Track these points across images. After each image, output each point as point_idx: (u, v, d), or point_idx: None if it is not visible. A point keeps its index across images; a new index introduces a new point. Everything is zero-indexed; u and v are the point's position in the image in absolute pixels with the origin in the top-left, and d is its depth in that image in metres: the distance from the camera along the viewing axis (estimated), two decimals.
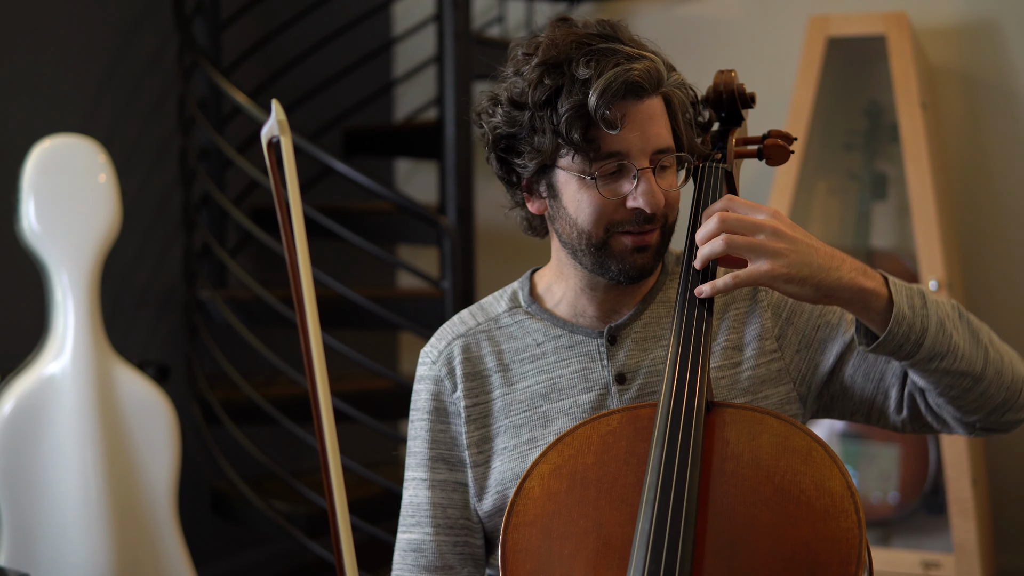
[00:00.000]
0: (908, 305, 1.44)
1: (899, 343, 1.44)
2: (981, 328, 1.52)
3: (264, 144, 1.35)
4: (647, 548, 1.31)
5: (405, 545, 1.62)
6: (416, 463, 1.63)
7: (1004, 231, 3.57)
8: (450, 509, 1.60)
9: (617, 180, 1.47)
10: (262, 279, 3.33)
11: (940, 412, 1.53)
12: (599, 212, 1.47)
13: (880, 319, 1.44)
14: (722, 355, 1.56)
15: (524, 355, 1.60)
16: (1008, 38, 3.52)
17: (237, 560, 3.80)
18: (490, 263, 3.95)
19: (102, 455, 2.57)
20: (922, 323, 1.44)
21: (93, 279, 2.62)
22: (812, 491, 1.34)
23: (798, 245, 1.40)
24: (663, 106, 1.49)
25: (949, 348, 1.46)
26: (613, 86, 1.42)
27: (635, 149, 1.46)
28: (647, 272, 1.52)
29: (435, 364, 1.63)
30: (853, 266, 1.43)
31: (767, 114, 1.97)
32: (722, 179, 1.56)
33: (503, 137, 1.51)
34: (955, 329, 1.47)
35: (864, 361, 1.56)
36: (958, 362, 1.46)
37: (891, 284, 1.45)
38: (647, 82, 1.44)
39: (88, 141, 2.66)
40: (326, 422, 1.27)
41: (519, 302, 1.63)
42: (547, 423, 1.56)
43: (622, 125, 1.43)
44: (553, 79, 1.45)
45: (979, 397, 1.50)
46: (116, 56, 3.40)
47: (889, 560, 3.21)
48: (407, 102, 4.40)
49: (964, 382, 1.48)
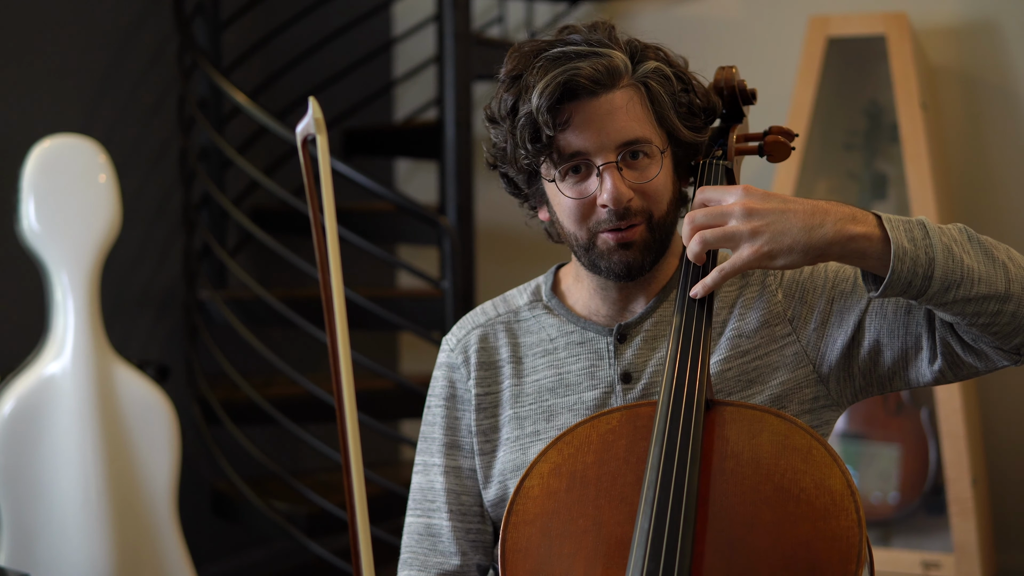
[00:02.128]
0: (908, 239, 1.37)
1: (907, 280, 1.36)
2: (997, 246, 1.43)
3: (299, 141, 1.35)
4: (646, 547, 1.31)
5: (421, 529, 1.62)
6: (433, 448, 1.64)
7: (1004, 231, 3.57)
8: (464, 496, 1.62)
9: (585, 180, 1.49)
10: (262, 279, 3.33)
11: (978, 345, 1.44)
12: (575, 215, 1.50)
13: (881, 262, 1.37)
14: (729, 345, 1.55)
15: (537, 349, 1.61)
16: (1008, 38, 3.52)
17: (237, 560, 3.80)
18: (490, 263, 3.95)
19: (102, 455, 2.57)
20: (927, 253, 1.36)
21: (93, 279, 2.62)
22: (812, 490, 1.33)
23: (773, 217, 1.37)
24: (633, 98, 1.48)
25: (963, 274, 1.37)
26: (549, 88, 1.44)
27: (593, 146, 1.47)
28: (636, 268, 1.51)
29: (453, 351, 1.65)
30: (839, 215, 1.37)
31: (767, 114, 1.97)
32: (723, 175, 1.56)
33: (495, 154, 1.56)
34: (965, 253, 1.39)
35: (885, 319, 1.50)
36: (977, 286, 1.38)
37: (885, 222, 1.38)
38: (596, 78, 1.45)
39: (88, 141, 2.66)
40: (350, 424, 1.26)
41: (540, 296, 1.65)
42: (551, 417, 1.57)
43: (572, 125, 1.45)
44: (512, 92, 1.49)
45: (1012, 318, 1.40)
46: (116, 56, 3.40)
47: (889, 560, 3.21)
48: (407, 102, 4.40)
49: (991, 306, 1.39)
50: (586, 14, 4.10)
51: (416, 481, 1.65)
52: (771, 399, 1.53)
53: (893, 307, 1.50)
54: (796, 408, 1.54)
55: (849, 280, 1.54)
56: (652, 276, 1.57)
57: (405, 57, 4.36)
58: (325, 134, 1.28)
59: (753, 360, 1.55)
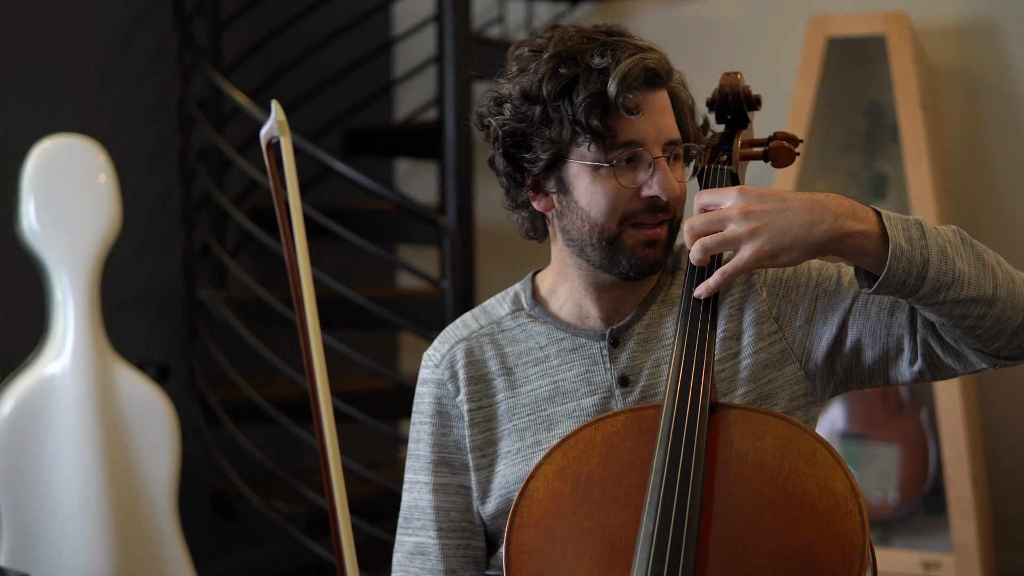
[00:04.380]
0: (905, 238, 1.38)
1: (901, 279, 1.38)
2: (987, 251, 1.45)
3: (264, 145, 1.35)
4: (650, 549, 1.31)
5: (411, 548, 1.62)
6: (419, 466, 1.63)
7: (1004, 231, 3.57)
8: (453, 512, 1.60)
9: (633, 170, 1.48)
10: (262, 279, 3.33)
11: (959, 347, 1.46)
12: (614, 203, 1.48)
13: (878, 259, 1.39)
14: (721, 347, 1.55)
15: (527, 358, 1.60)
16: (1008, 38, 3.52)
17: (237, 560, 3.80)
18: (490, 263, 3.95)
19: (102, 455, 2.57)
20: (922, 254, 1.38)
21: (93, 279, 2.61)
22: (816, 492, 1.34)
23: (771, 217, 1.37)
24: (669, 100, 1.51)
25: (955, 276, 1.39)
26: (634, 71, 1.44)
27: (650, 138, 1.47)
28: (657, 267, 1.52)
29: (438, 367, 1.63)
30: (840, 211, 1.38)
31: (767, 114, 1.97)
32: (727, 181, 1.57)
33: (511, 134, 1.51)
34: (958, 255, 1.40)
35: (868, 320, 1.51)
36: (966, 289, 1.39)
37: (885, 219, 1.39)
38: (662, 71, 1.47)
39: (88, 141, 2.66)
40: (326, 423, 1.26)
41: (522, 304, 1.63)
42: (551, 426, 1.56)
43: (642, 111, 1.45)
44: (569, 69, 1.46)
45: (995, 322, 1.42)
46: (116, 56, 3.40)
47: (889, 560, 3.21)
48: (407, 102, 4.40)
49: (977, 308, 1.40)
50: (586, 14, 4.10)
51: (404, 499, 1.64)
52: (761, 397, 1.54)
53: (876, 307, 1.51)
54: (787, 405, 1.54)
55: (832, 278, 1.55)
56: (645, 281, 1.58)
57: (405, 57, 4.36)
58: (289, 136, 1.29)
59: (744, 359, 1.55)
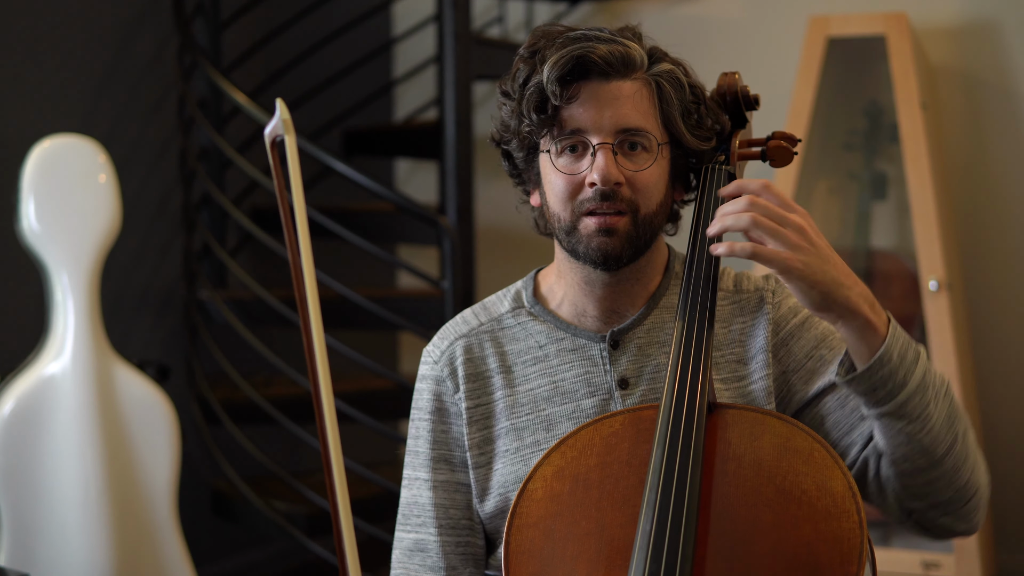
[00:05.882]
0: (899, 353, 1.40)
1: (875, 384, 1.40)
2: (961, 418, 1.47)
3: (268, 143, 1.35)
4: (648, 549, 1.31)
5: (410, 545, 1.62)
6: (418, 463, 1.62)
7: (1004, 231, 3.57)
8: (452, 510, 1.60)
9: (579, 159, 1.50)
10: (262, 279, 3.33)
11: (884, 485, 1.49)
12: (565, 191, 1.50)
13: (868, 353, 1.41)
14: (728, 368, 1.56)
15: (527, 357, 1.60)
16: (1008, 38, 3.52)
17: (237, 560, 3.80)
18: (490, 263, 3.95)
19: (102, 455, 2.57)
20: (905, 376, 1.40)
21: (93, 279, 2.61)
22: (813, 492, 1.34)
23: (819, 250, 1.39)
24: (642, 91, 1.50)
25: (921, 415, 1.41)
26: (562, 60, 1.47)
27: (592, 126, 1.48)
28: (614, 257, 1.50)
29: (437, 364, 1.63)
30: (863, 293, 1.41)
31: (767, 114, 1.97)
32: (725, 181, 1.56)
33: (501, 131, 1.57)
34: (935, 401, 1.43)
35: (840, 409, 1.53)
36: (924, 435, 1.42)
37: (892, 327, 1.41)
38: (609, 61, 1.47)
39: (88, 141, 2.66)
40: (329, 423, 1.26)
41: (522, 302, 1.63)
42: (551, 427, 1.56)
43: (577, 100, 1.48)
44: (527, 65, 1.52)
45: (927, 484, 1.45)
46: (116, 56, 3.40)
47: (889, 560, 3.21)
48: (407, 102, 4.40)
49: (921, 460, 1.44)
50: (586, 14, 4.10)
51: (403, 496, 1.64)
52: None
53: (855, 403, 1.52)
54: None
55: (832, 350, 1.57)
56: (640, 283, 1.58)
57: (405, 57, 4.36)
58: (293, 135, 1.28)
59: (749, 385, 1.56)
